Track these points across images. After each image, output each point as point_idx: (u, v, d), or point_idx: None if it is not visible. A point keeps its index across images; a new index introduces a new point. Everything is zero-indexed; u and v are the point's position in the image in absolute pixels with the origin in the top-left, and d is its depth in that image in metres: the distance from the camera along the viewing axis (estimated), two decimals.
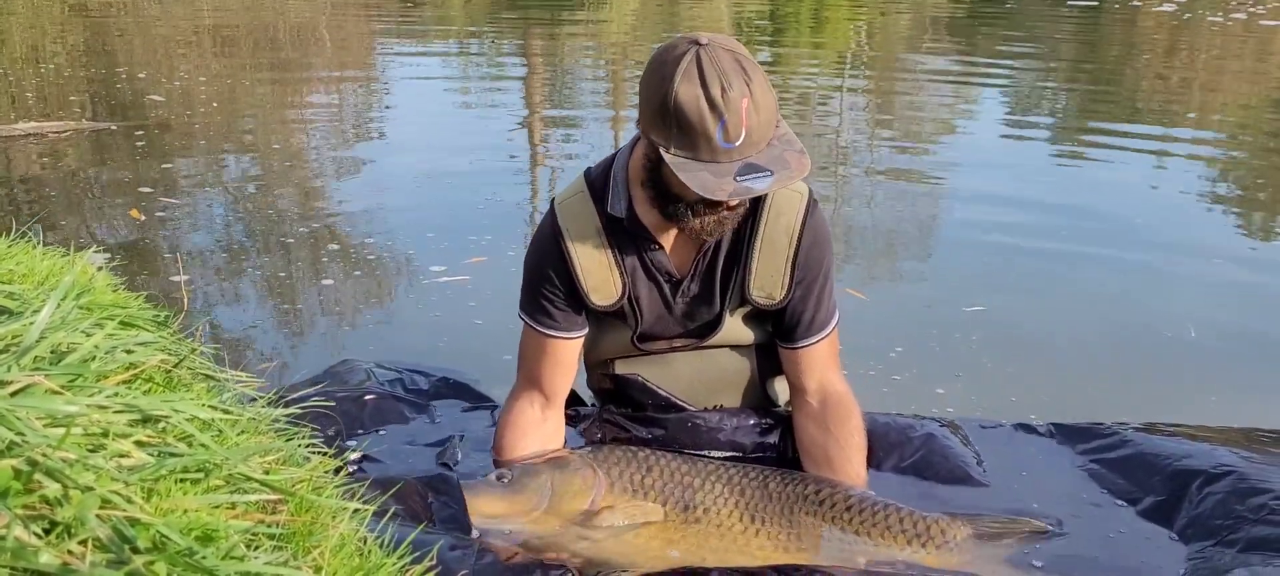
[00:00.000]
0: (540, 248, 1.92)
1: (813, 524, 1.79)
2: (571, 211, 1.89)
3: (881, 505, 1.82)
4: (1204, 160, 5.70)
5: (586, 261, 1.87)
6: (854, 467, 1.92)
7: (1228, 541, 1.75)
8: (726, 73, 1.61)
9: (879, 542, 1.77)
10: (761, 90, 1.63)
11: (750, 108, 1.61)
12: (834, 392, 1.96)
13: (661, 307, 1.94)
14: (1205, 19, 11.23)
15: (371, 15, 12.37)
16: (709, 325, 1.96)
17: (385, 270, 3.70)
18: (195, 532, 0.92)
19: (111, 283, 1.77)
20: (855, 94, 7.75)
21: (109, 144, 5.51)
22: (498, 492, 1.80)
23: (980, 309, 3.31)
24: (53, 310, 1.13)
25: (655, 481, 1.83)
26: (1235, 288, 3.64)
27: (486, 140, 5.85)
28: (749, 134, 1.62)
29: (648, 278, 1.91)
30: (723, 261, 1.90)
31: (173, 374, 1.29)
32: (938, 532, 1.77)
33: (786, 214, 1.87)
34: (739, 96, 1.60)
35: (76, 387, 1.05)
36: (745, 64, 1.64)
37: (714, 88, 1.60)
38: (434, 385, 2.33)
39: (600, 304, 1.90)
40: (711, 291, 1.92)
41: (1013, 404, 2.64)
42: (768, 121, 1.64)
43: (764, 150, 1.64)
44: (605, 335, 2.02)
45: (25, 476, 0.86)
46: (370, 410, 2.16)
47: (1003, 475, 2.02)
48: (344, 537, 1.13)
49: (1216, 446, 2.01)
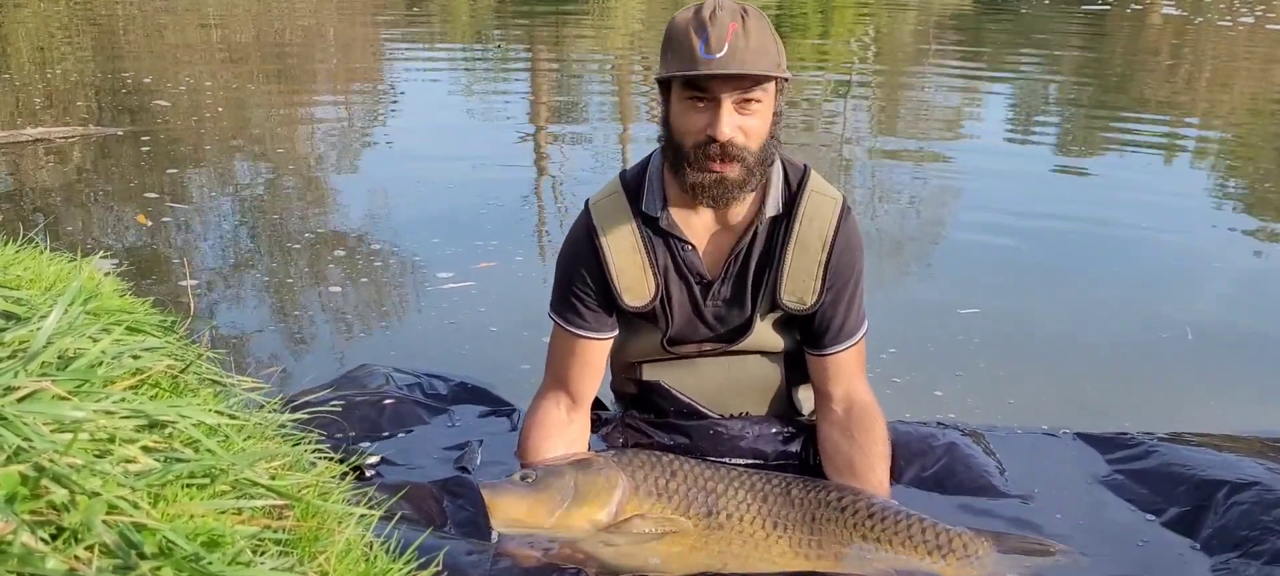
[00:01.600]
0: (574, 247, 1.93)
1: (835, 531, 1.77)
2: (606, 211, 1.90)
3: (904, 515, 1.80)
4: (1209, 164, 5.69)
5: (620, 261, 1.88)
6: (877, 476, 1.91)
7: (1253, 553, 1.73)
8: (723, 5, 1.71)
9: (900, 552, 1.75)
10: (757, 27, 1.70)
11: (738, 31, 1.68)
12: (860, 401, 1.95)
13: (691, 310, 1.93)
14: (1217, 23, 11.20)
15: (377, 20, 12.40)
16: (738, 329, 1.95)
17: (392, 275, 3.71)
18: (201, 538, 0.92)
19: (118, 288, 1.77)
20: (861, 96, 7.74)
21: (115, 149, 5.52)
22: (520, 492, 1.79)
23: (975, 311, 3.30)
24: (60, 315, 1.13)
25: (678, 486, 1.81)
26: (1239, 291, 3.63)
27: (492, 145, 5.86)
28: (733, 52, 1.67)
29: (680, 278, 1.90)
30: (755, 265, 1.89)
31: (179, 379, 1.29)
32: (959, 546, 1.76)
33: (820, 219, 1.87)
34: (728, 18, 1.69)
35: (83, 393, 1.04)
36: (752, 10, 1.72)
37: (706, 10, 1.70)
38: (452, 390, 2.32)
39: (633, 304, 1.90)
40: (743, 295, 1.91)
41: (1011, 405, 2.64)
42: (758, 49, 1.68)
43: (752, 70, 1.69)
44: (634, 337, 2.01)
45: (32, 482, 0.86)
46: (388, 414, 2.16)
47: (1025, 484, 2.00)
48: (350, 542, 1.13)
49: (1241, 456, 1.99)
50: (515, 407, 2.25)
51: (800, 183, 1.89)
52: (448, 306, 3.35)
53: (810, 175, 1.90)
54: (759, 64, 1.68)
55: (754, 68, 1.67)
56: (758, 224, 1.88)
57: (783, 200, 1.88)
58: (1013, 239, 4.14)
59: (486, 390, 2.34)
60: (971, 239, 4.19)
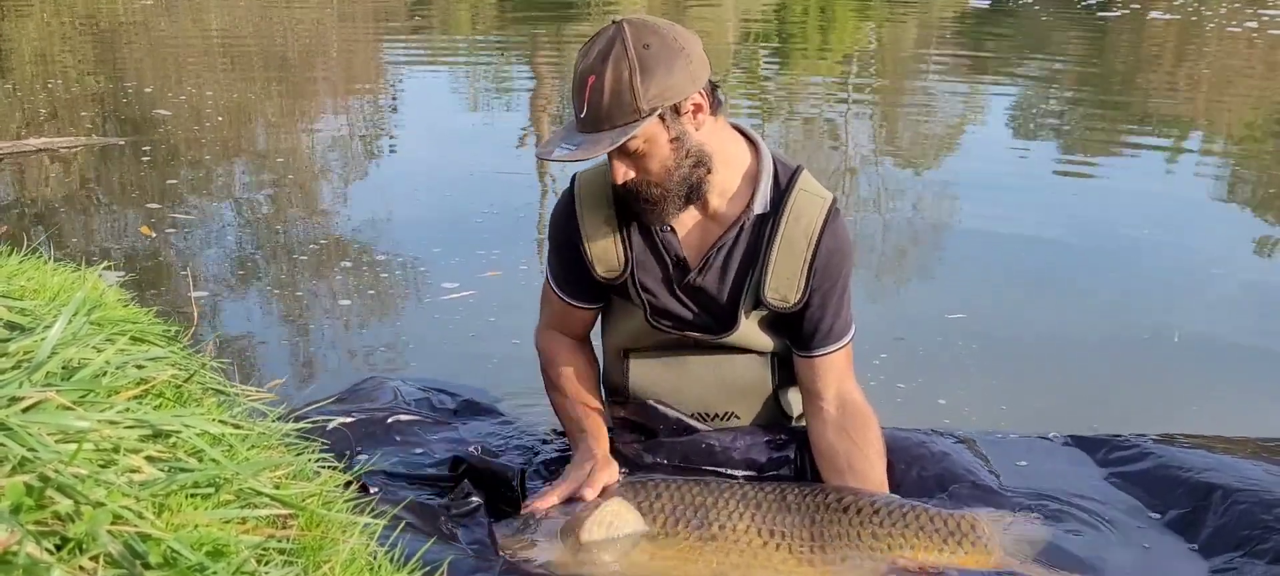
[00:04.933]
0: (557, 214, 2.01)
1: (839, 532, 1.75)
2: (589, 181, 1.96)
3: (909, 506, 1.78)
4: (1212, 167, 5.69)
5: (593, 231, 1.93)
6: (877, 473, 1.90)
7: (1256, 552, 1.73)
8: (592, 51, 1.72)
9: (911, 544, 1.73)
10: (613, 72, 1.69)
11: (595, 86, 1.70)
12: (852, 401, 1.94)
13: (664, 290, 1.94)
14: (1224, 28, 11.21)
15: (379, 27, 12.42)
16: (721, 321, 1.95)
17: (396, 285, 3.71)
18: (206, 548, 0.92)
19: (122, 298, 1.77)
20: (860, 103, 7.74)
21: (118, 159, 5.53)
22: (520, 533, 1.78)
23: (961, 316, 3.30)
24: (64, 326, 1.14)
25: (666, 504, 1.80)
26: (1243, 293, 3.63)
27: (494, 153, 5.86)
28: (591, 112, 1.71)
29: (655, 258, 1.93)
30: (739, 261, 1.90)
31: (183, 389, 1.29)
32: (967, 529, 1.74)
33: (806, 217, 1.87)
34: (587, 72, 1.71)
35: (88, 403, 1.05)
36: (614, 52, 1.70)
37: (580, 62, 1.73)
38: (460, 403, 2.32)
39: (603, 275, 1.95)
40: (723, 289, 1.92)
41: (1004, 411, 2.64)
42: (613, 103, 1.70)
43: (607, 130, 1.71)
44: (620, 315, 2.04)
45: (37, 492, 0.86)
46: (395, 427, 2.15)
47: (1023, 489, 2.00)
48: (354, 552, 1.13)
49: (1236, 458, 1.99)
50: (521, 420, 2.25)
51: (790, 181, 1.89)
52: (452, 316, 3.35)
53: (801, 175, 1.90)
54: (614, 117, 1.71)
55: (606, 127, 1.71)
56: (745, 220, 1.88)
57: (771, 199, 1.89)
58: (1013, 241, 4.14)
59: (493, 403, 2.34)
60: (972, 240, 4.20)
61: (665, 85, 1.71)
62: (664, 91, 1.72)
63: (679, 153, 1.78)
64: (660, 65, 1.71)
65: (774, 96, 7.85)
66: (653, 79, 1.70)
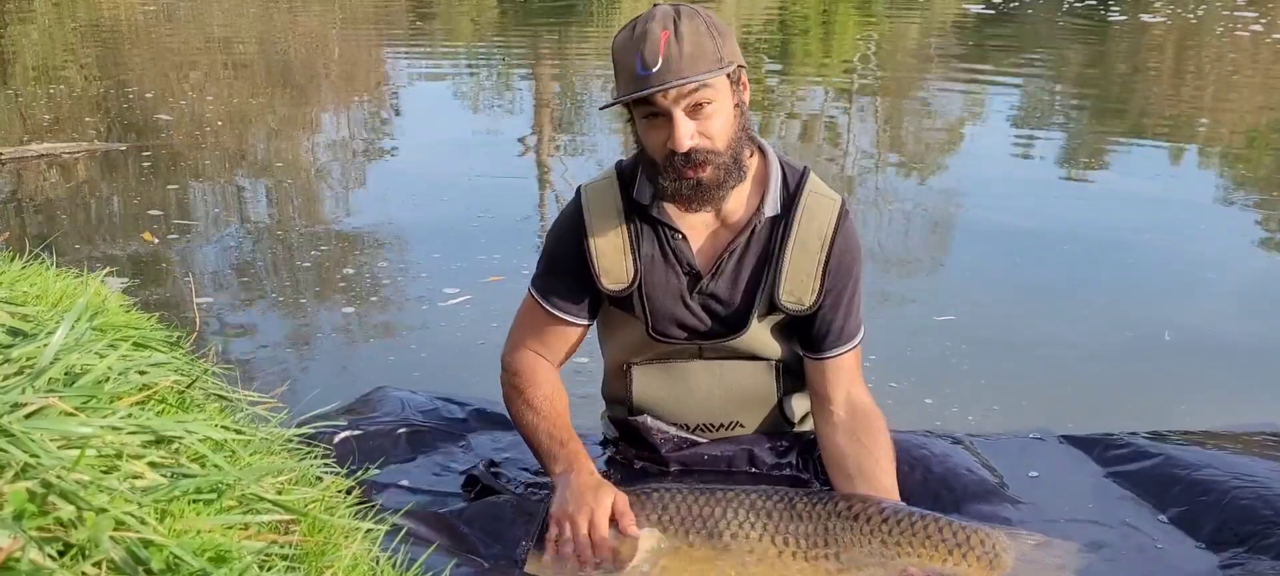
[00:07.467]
0: (560, 225, 1.96)
1: (851, 540, 1.73)
2: (596, 192, 1.92)
3: (919, 515, 1.77)
4: (1213, 169, 5.69)
5: (602, 242, 1.89)
6: (887, 479, 1.88)
7: (1261, 547, 1.73)
8: (655, 16, 1.71)
9: (920, 554, 1.72)
10: (690, 28, 1.69)
11: (670, 39, 1.68)
12: (861, 404, 1.93)
13: (677, 300, 1.91)
14: (1232, 32, 11.21)
15: (380, 33, 12.43)
16: (730, 325, 1.92)
17: (398, 291, 3.71)
18: (209, 553, 0.92)
19: (124, 304, 1.77)
20: (862, 105, 7.74)
21: (120, 164, 5.54)
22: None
23: (951, 318, 3.31)
24: (67, 332, 1.14)
25: (674, 515, 1.78)
26: (1237, 294, 3.63)
27: (496, 158, 5.87)
28: (667, 63, 1.67)
29: (666, 266, 1.90)
30: (753, 265, 1.88)
31: (185, 394, 1.29)
32: (978, 542, 1.73)
33: (819, 218, 1.86)
34: (659, 29, 1.69)
35: (90, 409, 1.05)
36: (685, 11, 1.71)
37: (638, 27, 1.71)
38: (469, 413, 2.31)
39: (610, 288, 1.90)
40: (736, 293, 1.90)
41: (996, 411, 2.64)
42: (693, 53, 1.68)
43: (690, 75, 1.68)
44: (621, 329, 1.99)
45: (40, 498, 0.86)
46: (404, 438, 2.14)
47: (1025, 490, 2.00)
48: (357, 558, 1.13)
49: (1233, 453, 1.99)
50: None
51: (799, 183, 1.88)
52: (453, 323, 3.35)
53: (809, 176, 1.90)
54: (696, 67, 1.68)
55: (690, 72, 1.68)
56: (756, 223, 1.87)
57: (781, 201, 1.88)
58: (1015, 244, 4.14)
59: (502, 415, 2.33)
60: (972, 243, 4.20)
61: (733, 50, 1.75)
62: (733, 55, 1.75)
63: (739, 121, 1.78)
64: (725, 32, 1.75)
65: (774, 97, 7.85)
66: (725, 40, 1.74)
